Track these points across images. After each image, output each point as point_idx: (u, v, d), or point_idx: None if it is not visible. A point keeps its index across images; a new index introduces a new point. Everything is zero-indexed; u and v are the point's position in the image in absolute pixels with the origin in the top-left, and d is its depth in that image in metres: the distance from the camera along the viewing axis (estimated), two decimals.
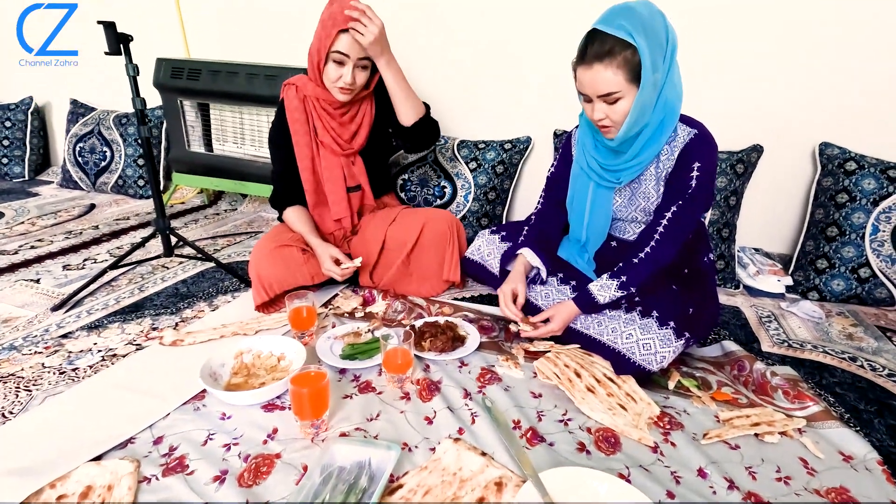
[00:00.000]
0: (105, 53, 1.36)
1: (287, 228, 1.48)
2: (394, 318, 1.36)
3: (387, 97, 1.39)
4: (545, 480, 0.76)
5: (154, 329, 1.28)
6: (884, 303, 1.50)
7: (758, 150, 1.66)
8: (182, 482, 0.79)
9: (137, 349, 1.18)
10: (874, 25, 1.50)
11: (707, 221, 1.63)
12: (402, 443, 0.88)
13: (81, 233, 2.01)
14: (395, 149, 1.69)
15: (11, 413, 0.95)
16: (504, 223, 1.88)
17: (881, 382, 1.12)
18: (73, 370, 1.09)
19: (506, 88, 1.97)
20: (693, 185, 1.04)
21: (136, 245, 1.61)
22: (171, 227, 1.61)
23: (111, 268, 1.52)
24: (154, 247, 1.78)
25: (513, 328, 1.20)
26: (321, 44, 1.26)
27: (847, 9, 1.51)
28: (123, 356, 1.15)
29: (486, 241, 1.43)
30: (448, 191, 1.92)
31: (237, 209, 2.45)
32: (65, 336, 1.23)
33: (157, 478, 0.80)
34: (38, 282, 1.55)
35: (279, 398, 1.00)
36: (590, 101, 1.02)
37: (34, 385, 1.04)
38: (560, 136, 1.90)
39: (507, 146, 1.94)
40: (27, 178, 2.82)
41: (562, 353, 1.14)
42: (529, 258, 1.25)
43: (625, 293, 1.09)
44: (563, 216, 1.30)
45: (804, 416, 0.97)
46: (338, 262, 1.36)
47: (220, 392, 0.96)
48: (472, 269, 1.45)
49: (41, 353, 1.15)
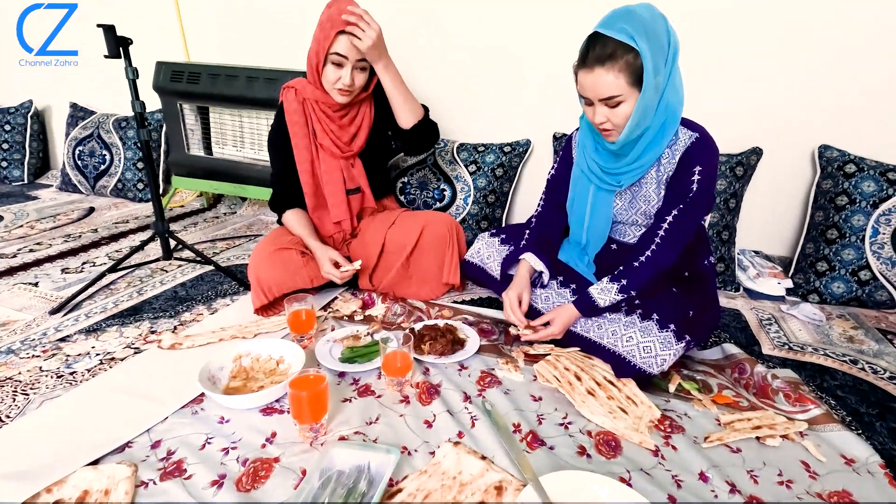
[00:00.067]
0: (104, 57, 1.36)
1: (286, 231, 1.48)
2: (393, 321, 1.36)
3: (386, 99, 1.39)
4: (545, 484, 0.76)
5: (152, 332, 1.27)
6: (884, 305, 1.50)
7: (757, 153, 1.66)
8: (180, 486, 0.78)
9: (136, 353, 1.17)
10: (873, 27, 1.50)
11: (707, 224, 1.63)
12: (402, 446, 0.88)
13: (80, 236, 2.01)
14: (395, 151, 1.69)
15: (8, 417, 0.94)
16: (504, 226, 1.88)
17: (882, 385, 1.12)
18: (71, 374, 1.09)
19: (505, 91, 1.97)
20: (694, 189, 1.04)
21: (135, 248, 1.60)
22: (171, 231, 1.61)
23: (110, 271, 1.51)
24: (153, 250, 1.77)
25: (513, 331, 1.20)
26: (319, 46, 1.26)
27: (846, 11, 1.51)
28: (122, 360, 1.14)
29: (486, 244, 1.43)
30: (447, 194, 1.92)
31: (236, 212, 2.45)
32: (63, 340, 1.23)
33: (155, 482, 0.79)
34: (37, 285, 1.54)
35: (278, 402, 0.99)
36: (591, 105, 1.02)
37: (32, 389, 1.03)
38: (559, 139, 1.90)
39: (507, 149, 1.94)
40: (26, 182, 2.82)
41: (562, 356, 1.14)
42: (533, 263, 1.24)
43: (625, 296, 1.09)
44: (564, 219, 1.30)
45: (805, 420, 0.96)
46: (337, 265, 1.36)
47: (219, 396, 0.96)
48: (472, 272, 1.45)
49: (39, 357, 1.15)
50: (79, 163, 2.57)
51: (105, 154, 2.52)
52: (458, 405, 1.00)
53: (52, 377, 1.07)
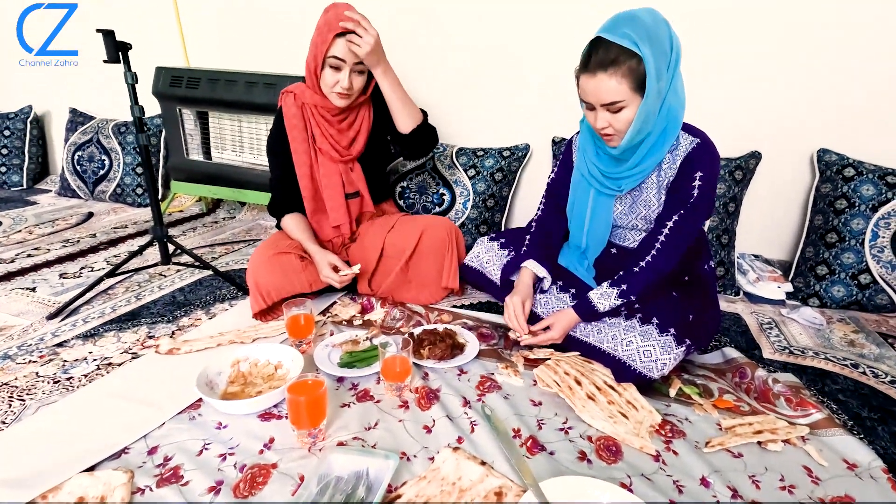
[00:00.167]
0: (104, 61, 1.36)
1: (285, 236, 1.48)
2: (392, 326, 1.35)
3: (385, 104, 1.39)
4: (546, 490, 0.75)
5: (150, 337, 1.26)
6: (885, 309, 1.49)
7: (756, 157, 1.67)
8: (176, 493, 0.78)
9: (133, 358, 1.17)
10: (872, 29, 1.50)
11: (706, 228, 1.62)
12: (401, 452, 0.87)
13: (79, 241, 2.00)
14: (394, 155, 1.69)
15: (4, 423, 0.94)
16: (503, 230, 1.88)
17: (884, 389, 1.11)
18: (68, 379, 1.08)
19: (504, 96, 1.98)
20: (695, 195, 1.04)
21: (134, 253, 1.60)
22: (169, 235, 1.60)
23: (108, 276, 1.51)
24: (151, 255, 1.77)
25: (512, 335, 1.19)
26: (317, 49, 1.27)
27: (845, 13, 1.51)
28: (119, 365, 1.14)
29: (485, 248, 1.43)
30: (447, 198, 1.92)
31: (235, 217, 2.45)
32: (60, 345, 1.22)
33: (151, 489, 0.79)
34: (34, 290, 1.54)
35: (276, 407, 0.99)
36: (592, 109, 1.01)
37: (28, 394, 1.02)
38: (558, 144, 1.90)
39: (506, 153, 1.94)
40: (25, 187, 2.82)
41: (562, 361, 1.13)
42: (536, 270, 1.23)
43: (624, 301, 1.08)
44: (564, 223, 1.30)
45: (807, 424, 0.96)
46: (336, 269, 1.36)
47: (216, 401, 0.95)
48: (471, 277, 1.44)
49: (35, 363, 1.14)
50: (78, 168, 2.57)
51: (104, 159, 2.52)
52: (458, 410, 0.99)
53: (49, 383, 1.07)
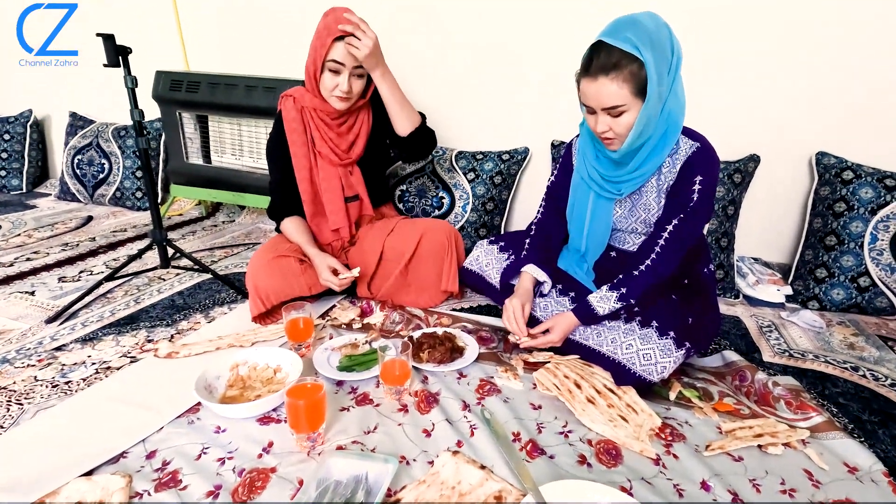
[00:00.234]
0: (104, 65, 1.37)
1: (284, 239, 1.48)
2: (392, 329, 1.35)
3: (384, 107, 1.40)
4: (546, 494, 0.75)
5: (149, 341, 1.26)
6: (884, 312, 1.49)
7: (755, 160, 1.67)
8: (175, 497, 0.77)
9: (132, 362, 1.16)
10: (870, 32, 1.51)
11: (705, 231, 1.62)
12: (400, 456, 0.87)
13: (78, 244, 2.00)
14: (393, 159, 1.69)
15: (2, 427, 0.93)
16: (502, 233, 1.88)
17: (884, 392, 1.11)
18: (66, 383, 1.08)
19: (504, 95, 1.98)
20: (695, 199, 1.04)
21: (133, 257, 1.60)
22: (168, 239, 1.60)
23: (107, 279, 1.51)
24: (151, 258, 1.77)
25: (511, 339, 1.19)
26: (317, 53, 1.27)
27: (844, 18, 1.52)
28: (118, 369, 1.13)
29: (485, 252, 1.43)
30: (446, 201, 1.92)
31: (235, 220, 2.45)
32: (58, 349, 1.22)
33: (150, 493, 0.78)
34: (33, 294, 1.54)
35: (275, 411, 0.98)
36: (593, 113, 1.01)
37: (26, 398, 1.02)
38: (557, 147, 1.91)
39: (505, 157, 1.94)
40: (25, 191, 2.82)
41: (561, 364, 1.13)
42: (536, 275, 1.23)
43: (624, 305, 1.08)
44: (564, 226, 1.30)
45: (807, 427, 0.95)
46: (335, 273, 1.35)
47: (215, 405, 0.95)
48: (471, 280, 1.44)
49: (34, 366, 1.14)
50: (77, 172, 2.57)
51: (104, 163, 2.53)
52: (457, 414, 0.99)
53: (47, 387, 1.06)
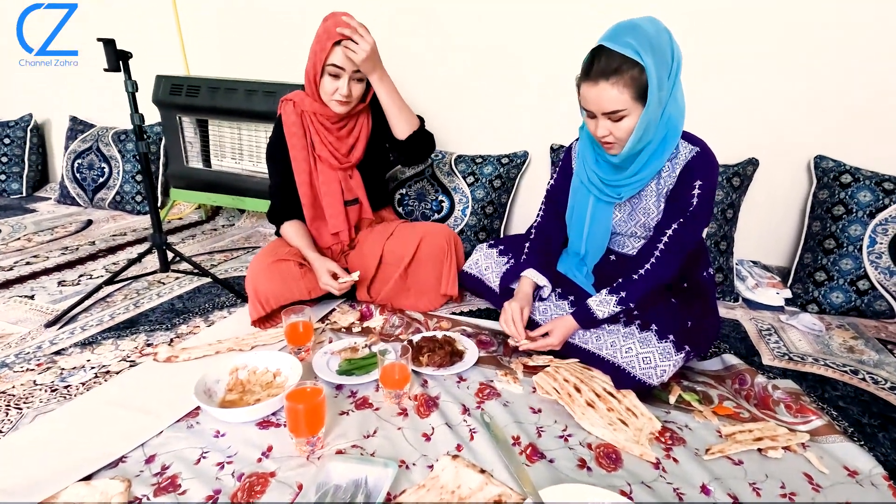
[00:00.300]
0: (104, 70, 1.37)
1: (284, 243, 1.48)
2: (391, 333, 1.35)
3: (383, 111, 1.40)
4: (546, 498, 0.75)
5: (149, 345, 1.26)
6: (883, 315, 1.49)
7: (753, 164, 1.67)
8: (174, 502, 0.77)
9: (131, 366, 1.16)
10: (868, 36, 1.52)
11: (705, 235, 1.63)
12: (400, 460, 0.87)
13: (78, 248, 2.00)
14: (393, 163, 1.70)
15: (1, 432, 0.93)
16: (502, 237, 1.88)
17: (884, 396, 1.11)
18: (66, 387, 1.07)
19: (504, 97, 1.99)
20: (694, 203, 1.04)
21: (133, 261, 1.60)
22: (168, 243, 1.60)
23: (107, 283, 1.51)
24: (150, 262, 1.77)
25: (511, 343, 1.19)
26: (316, 57, 1.28)
27: (842, 21, 1.53)
28: (117, 373, 1.13)
29: (484, 255, 1.43)
30: (446, 205, 1.92)
31: (235, 224, 2.45)
32: (58, 353, 1.22)
33: (149, 497, 0.78)
34: (33, 298, 1.53)
35: (274, 415, 0.98)
36: (593, 117, 1.01)
37: (25, 403, 1.02)
38: (557, 151, 1.91)
39: (505, 161, 1.95)
40: (25, 195, 2.82)
41: (561, 368, 1.13)
42: (535, 279, 1.23)
43: (623, 308, 1.09)
44: (563, 229, 1.30)
45: (807, 431, 0.95)
46: (335, 277, 1.36)
47: (215, 409, 0.95)
48: (470, 283, 1.45)
49: (33, 371, 1.14)
50: (77, 175, 2.57)
51: (104, 167, 2.53)
52: (457, 418, 0.99)
53: (46, 391, 1.06)
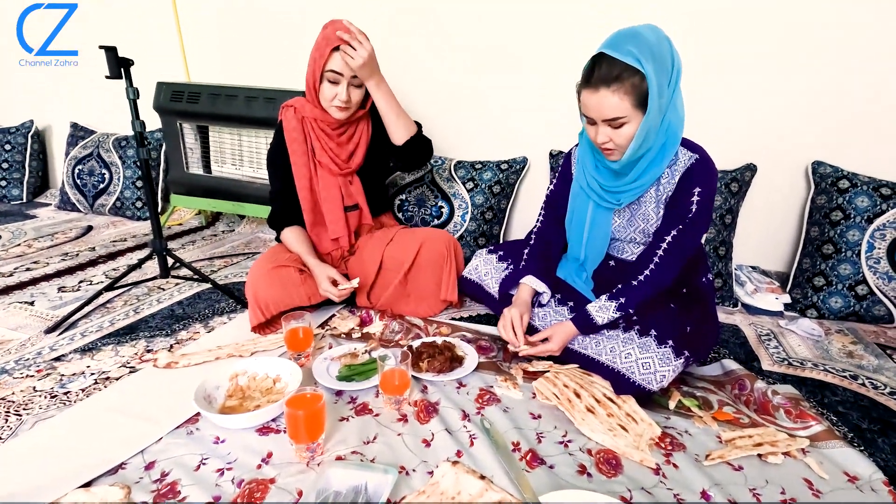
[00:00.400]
0: (106, 77, 1.38)
1: (284, 249, 1.48)
2: (391, 339, 1.35)
3: None
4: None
5: (148, 351, 1.26)
6: (882, 320, 1.49)
7: (751, 169, 1.68)
8: None
9: (131, 372, 1.16)
10: (866, 40, 1.52)
11: (703, 241, 1.63)
12: (400, 466, 0.87)
13: (78, 254, 2.00)
14: (393, 169, 1.71)
15: (0, 438, 0.93)
16: (501, 242, 1.88)
17: (883, 401, 1.11)
18: (65, 394, 1.07)
19: (502, 109, 2.00)
20: (693, 210, 1.05)
21: (133, 266, 1.60)
22: (168, 249, 1.61)
23: (107, 289, 1.51)
24: (150, 268, 1.77)
25: (511, 348, 1.19)
26: (315, 64, 1.29)
27: (842, 22, 1.54)
28: (117, 379, 1.13)
29: (484, 261, 1.43)
30: (445, 211, 1.93)
31: (234, 230, 2.45)
32: (57, 359, 1.22)
33: None
34: (33, 304, 1.54)
35: (274, 421, 0.98)
36: (593, 124, 1.02)
37: (24, 409, 1.02)
38: (556, 157, 1.92)
39: (504, 166, 1.95)
40: (25, 201, 2.83)
41: (561, 373, 1.13)
42: (534, 286, 1.24)
43: (623, 314, 1.09)
44: (563, 235, 1.30)
45: (807, 436, 0.95)
46: (335, 283, 1.36)
47: (214, 415, 0.95)
48: (470, 289, 1.45)
49: (33, 377, 1.14)
50: (78, 181, 2.58)
51: (104, 173, 2.54)
52: (457, 423, 0.99)
53: (46, 397, 1.06)
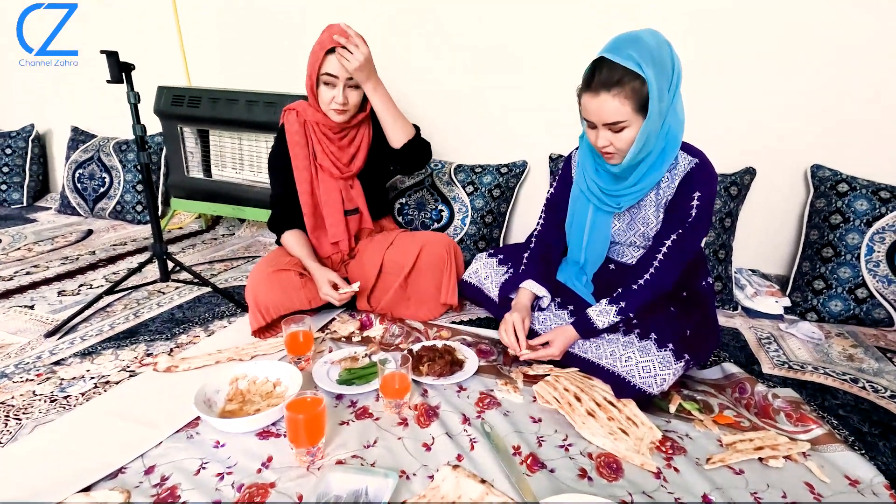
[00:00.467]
0: (107, 81, 1.39)
1: (285, 253, 1.48)
2: (391, 343, 1.35)
3: None
4: None
5: (148, 355, 1.26)
6: (882, 323, 1.49)
7: (751, 173, 1.69)
8: None
9: (131, 376, 1.16)
10: (865, 44, 1.53)
11: (703, 244, 1.63)
12: (400, 470, 0.86)
13: (78, 258, 2.00)
14: (393, 172, 1.71)
15: (0, 442, 0.93)
16: (501, 246, 1.89)
17: (884, 404, 1.11)
18: (65, 398, 1.07)
19: (502, 112, 2.00)
20: (693, 214, 1.05)
21: (133, 270, 1.60)
22: (168, 252, 1.61)
23: (107, 293, 1.51)
24: (151, 272, 1.77)
25: (511, 352, 1.19)
26: (312, 67, 1.30)
27: (840, 27, 1.54)
28: (116, 383, 1.13)
29: (484, 265, 1.43)
30: (445, 214, 1.93)
31: (235, 234, 2.46)
32: (57, 363, 1.22)
33: None
34: (33, 308, 1.53)
35: (274, 425, 0.98)
36: (594, 128, 1.02)
37: (24, 413, 1.02)
38: (556, 161, 1.92)
39: (504, 170, 1.96)
40: (25, 205, 2.83)
41: (561, 377, 1.13)
42: (534, 290, 1.24)
43: (623, 318, 1.09)
44: (563, 238, 1.30)
45: (808, 440, 0.95)
46: (335, 287, 1.36)
47: (214, 419, 0.95)
48: (470, 293, 1.45)
49: (33, 381, 1.14)
50: (78, 185, 2.58)
51: (105, 177, 2.54)
52: (457, 427, 0.99)
53: (46, 401, 1.06)
